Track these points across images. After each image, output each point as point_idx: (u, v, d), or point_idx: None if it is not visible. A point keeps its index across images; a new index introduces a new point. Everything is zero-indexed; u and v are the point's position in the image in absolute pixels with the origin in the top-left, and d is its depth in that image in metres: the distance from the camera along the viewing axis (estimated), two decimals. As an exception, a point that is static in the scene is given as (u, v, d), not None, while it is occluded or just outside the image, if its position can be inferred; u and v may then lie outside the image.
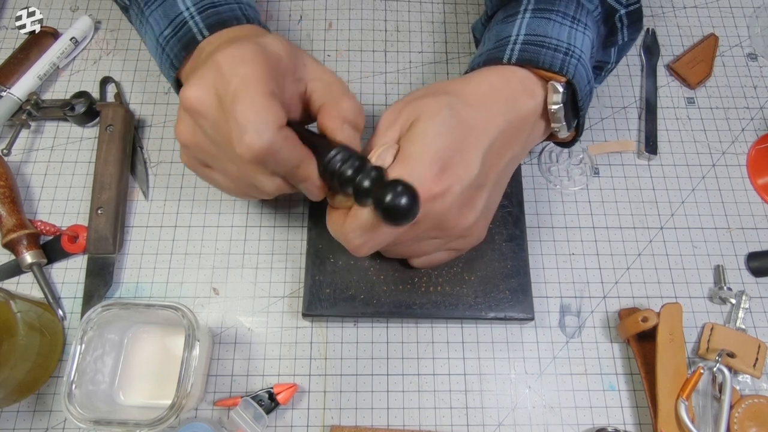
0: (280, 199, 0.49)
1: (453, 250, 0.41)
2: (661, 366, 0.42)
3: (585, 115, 0.42)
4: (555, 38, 0.39)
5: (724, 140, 0.53)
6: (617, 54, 0.46)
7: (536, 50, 0.38)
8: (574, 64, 0.38)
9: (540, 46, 0.39)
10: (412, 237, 0.38)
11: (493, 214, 0.42)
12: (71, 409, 0.37)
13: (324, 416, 0.43)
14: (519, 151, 0.40)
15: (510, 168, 0.41)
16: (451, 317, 0.42)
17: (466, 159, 0.35)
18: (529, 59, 0.38)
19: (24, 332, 0.40)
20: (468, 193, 0.36)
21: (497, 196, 0.41)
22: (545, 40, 0.39)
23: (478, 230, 0.40)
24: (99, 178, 0.47)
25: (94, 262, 0.46)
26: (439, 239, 0.39)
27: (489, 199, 0.39)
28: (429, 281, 0.43)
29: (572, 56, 0.38)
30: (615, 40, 0.45)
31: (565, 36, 0.39)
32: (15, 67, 0.51)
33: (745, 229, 0.50)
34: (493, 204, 0.41)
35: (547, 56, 0.38)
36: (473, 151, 0.36)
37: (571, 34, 0.39)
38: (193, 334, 0.38)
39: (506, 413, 0.44)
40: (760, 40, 0.57)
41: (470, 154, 0.36)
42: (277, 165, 0.33)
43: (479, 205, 0.37)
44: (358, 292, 0.42)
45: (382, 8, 0.58)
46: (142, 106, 0.53)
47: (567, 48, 0.39)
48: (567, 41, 0.39)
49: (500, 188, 0.41)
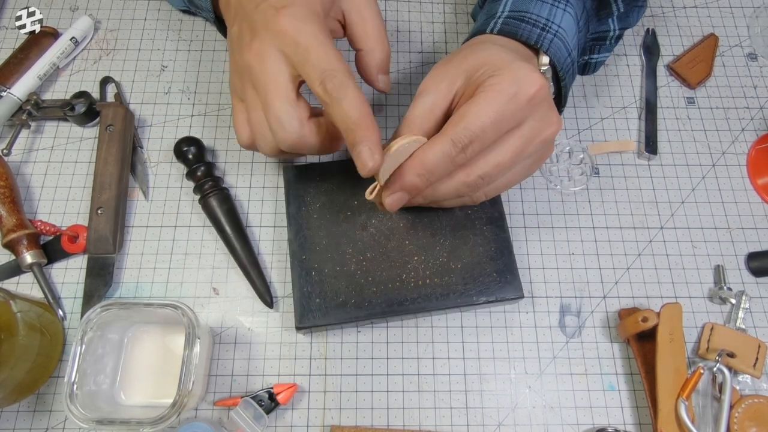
0: (278, 199, 0.49)
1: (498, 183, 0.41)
2: (661, 366, 0.42)
3: (568, 89, 0.45)
4: (535, 14, 0.42)
5: (724, 140, 0.53)
6: (619, 22, 0.49)
7: (516, 24, 0.42)
8: (549, 39, 0.41)
9: (520, 20, 0.42)
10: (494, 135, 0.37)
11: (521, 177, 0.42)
12: (73, 410, 0.37)
13: (324, 416, 0.43)
14: None
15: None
16: (442, 308, 0.42)
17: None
18: (508, 31, 0.42)
19: (24, 332, 0.40)
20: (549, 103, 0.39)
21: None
22: (526, 15, 0.42)
23: (526, 167, 0.41)
24: (99, 178, 0.47)
25: (94, 262, 0.46)
26: (515, 150, 0.38)
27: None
28: (417, 276, 0.43)
29: (548, 31, 0.42)
30: (609, 11, 0.47)
31: (546, 13, 0.42)
32: (15, 67, 0.51)
33: (745, 229, 0.50)
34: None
35: (525, 30, 0.42)
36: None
37: (552, 11, 0.42)
38: (194, 332, 0.38)
39: (506, 413, 0.44)
40: (760, 40, 0.57)
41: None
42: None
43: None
44: (349, 297, 0.42)
45: (382, 8, 0.58)
46: (142, 106, 0.53)
47: (545, 24, 0.42)
48: (546, 17, 0.42)
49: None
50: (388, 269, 0.43)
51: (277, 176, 0.50)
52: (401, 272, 0.43)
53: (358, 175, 0.45)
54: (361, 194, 0.45)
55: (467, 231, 0.44)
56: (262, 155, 0.51)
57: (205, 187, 0.47)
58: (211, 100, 0.53)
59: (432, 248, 0.44)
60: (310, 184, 0.45)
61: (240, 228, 0.47)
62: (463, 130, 0.35)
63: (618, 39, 0.51)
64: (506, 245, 0.44)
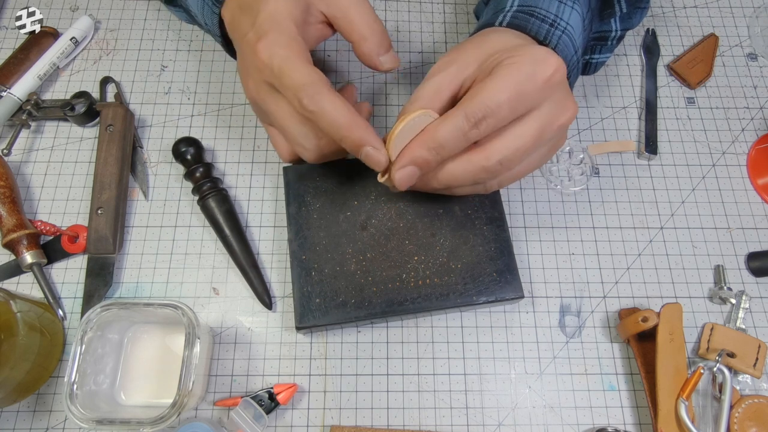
0: (278, 199, 0.49)
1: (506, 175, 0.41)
2: (661, 366, 0.42)
3: (572, 87, 0.44)
4: (544, 9, 0.42)
5: (724, 140, 0.53)
6: (621, 23, 0.48)
7: (526, 18, 0.41)
8: (558, 35, 0.41)
9: (530, 15, 0.41)
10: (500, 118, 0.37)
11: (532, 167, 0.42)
12: (73, 410, 0.37)
13: (324, 416, 0.43)
14: None
15: None
16: (442, 308, 0.42)
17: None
18: (518, 25, 0.41)
19: (24, 332, 0.40)
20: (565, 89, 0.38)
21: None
22: (535, 10, 0.42)
23: (541, 156, 0.41)
24: (99, 178, 0.47)
25: (94, 262, 0.46)
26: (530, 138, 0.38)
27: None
28: (417, 275, 0.43)
29: (557, 28, 0.41)
30: (612, 11, 0.47)
31: (554, 9, 0.42)
32: (15, 67, 0.51)
33: (745, 229, 0.50)
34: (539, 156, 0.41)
35: (534, 24, 0.41)
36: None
37: (560, 8, 0.42)
38: (194, 331, 0.38)
39: (506, 413, 0.44)
40: (760, 40, 0.57)
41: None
42: (330, 117, 0.37)
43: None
44: (349, 297, 0.42)
45: (382, 8, 0.58)
46: (142, 106, 0.53)
47: (553, 20, 0.41)
48: (555, 13, 0.41)
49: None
50: (388, 269, 0.43)
51: (277, 176, 0.50)
52: (401, 272, 0.43)
53: (358, 176, 0.46)
54: (362, 194, 0.45)
55: (467, 231, 0.44)
56: (262, 155, 0.51)
57: (204, 188, 0.47)
58: (211, 100, 0.53)
59: (432, 248, 0.44)
60: (310, 184, 0.45)
61: (239, 229, 0.47)
62: (478, 104, 0.35)
63: (619, 40, 0.51)
64: (506, 245, 0.44)
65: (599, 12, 0.46)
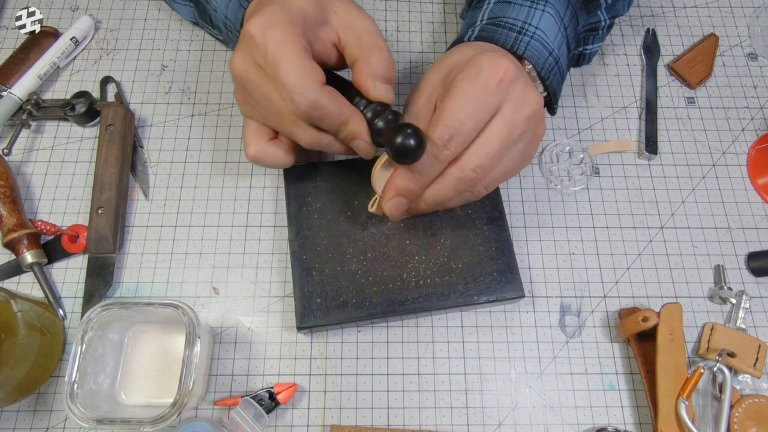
0: (279, 199, 0.49)
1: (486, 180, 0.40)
2: (662, 366, 0.42)
3: (558, 87, 0.45)
4: (512, 18, 0.43)
5: (724, 140, 0.53)
6: (608, 12, 0.49)
7: (493, 29, 0.43)
8: (526, 41, 0.42)
9: (497, 26, 0.43)
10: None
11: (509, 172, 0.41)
12: (73, 409, 0.37)
13: (324, 416, 0.43)
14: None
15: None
16: (443, 307, 0.42)
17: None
18: (486, 37, 0.42)
19: (24, 332, 0.40)
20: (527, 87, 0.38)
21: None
22: (502, 20, 0.43)
23: (518, 158, 0.40)
24: (99, 178, 0.47)
25: (94, 262, 0.46)
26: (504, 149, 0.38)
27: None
28: (418, 275, 0.43)
29: (525, 34, 0.42)
30: (597, 3, 0.47)
31: (523, 15, 0.43)
32: (15, 67, 0.51)
33: (745, 229, 0.50)
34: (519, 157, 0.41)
35: (501, 34, 0.42)
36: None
37: (530, 13, 0.43)
38: (194, 331, 0.38)
39: (506, 413, 0.44)
40: (760, 40, 0.57)
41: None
42: (323, 120, 0.37)
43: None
44: (350, 297, 0.42)
45: (382, 8, 0.58)
46: (142, 106, 0.53)
47: (521, 27, 0.42)
48: (523, 20, 0.43)
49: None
50: (389, 269, 0.43)
51: (277, 176, 0.50)
52: (402, 272, 0.43)
53: (358, 175, 0.46)
54: (362, 194, 0.45)
55: (468, 230, 0.44)
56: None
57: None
58: (211, 100, 0.53)
59: (432, 248, 0.44)
60: (310, 184, 0.45)
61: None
62: (442, 126, 0.36)
63: (609, 28, 0.51)
64: (507, 245, 0.44)
65: (584, 5, 0.47)
